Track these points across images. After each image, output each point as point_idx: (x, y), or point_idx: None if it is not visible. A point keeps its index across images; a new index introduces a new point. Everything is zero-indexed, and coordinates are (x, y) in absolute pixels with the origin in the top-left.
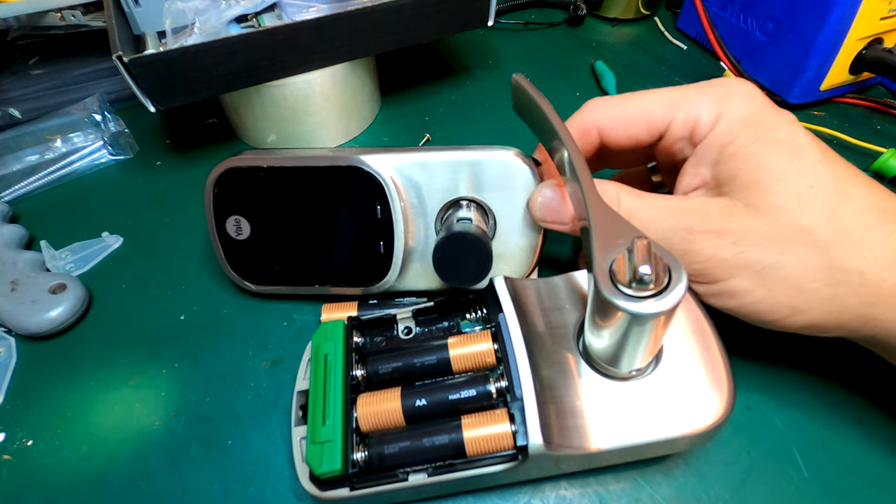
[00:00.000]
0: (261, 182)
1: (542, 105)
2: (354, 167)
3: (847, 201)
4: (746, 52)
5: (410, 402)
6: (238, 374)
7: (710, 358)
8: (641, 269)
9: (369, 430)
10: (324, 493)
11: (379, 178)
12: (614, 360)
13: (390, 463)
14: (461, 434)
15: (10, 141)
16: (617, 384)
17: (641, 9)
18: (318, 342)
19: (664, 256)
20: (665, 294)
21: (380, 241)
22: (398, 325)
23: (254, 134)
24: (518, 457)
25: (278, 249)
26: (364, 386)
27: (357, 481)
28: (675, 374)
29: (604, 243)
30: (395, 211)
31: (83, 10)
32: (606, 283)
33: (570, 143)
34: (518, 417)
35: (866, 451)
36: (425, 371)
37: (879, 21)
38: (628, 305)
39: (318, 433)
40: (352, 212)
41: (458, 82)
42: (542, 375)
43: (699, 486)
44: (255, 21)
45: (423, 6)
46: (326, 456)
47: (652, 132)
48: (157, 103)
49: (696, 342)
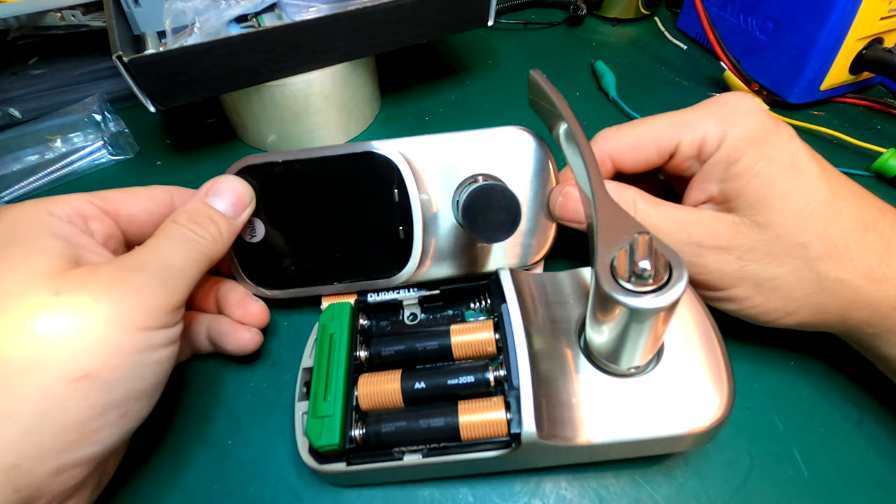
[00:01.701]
0: (277, 178)
1: (556, 100)
2: (369, 152)
3: (837, 217)
4: (746, 52)
5: (410, 385)
6: (238, 374)
7: (712, 358)
8: (641, 264)
9: (368, 408)
10: (321, 466)
11: (394, 161)
12: (614, 356)
13: (387, 441)
14: (457, 418)
15: (10, 141)
16: (615, 380)
17: (641, 9)
18: (325, 322)
19: (666, 253)
20: (665, 290)
21: (399, 226)
22: (404, 311)
23: (254, 134)
24: (511, 444)
25: (295, 248)
26: (367, 366)
27: (354, 457)
28: (676, 373)
29: (607, 238)
30: (411, 193)
31: (83, 10)
32: (607, 277)
33: (583, 140)
34: (514, 406)
35: (866, 451)
36: (427, 356)
37: (879, 21)
38: (627, 300)
39: (319, 408)
40: (369, 199)
41: (458, 82)
42: (540, 367)
43: (699, 486)
44: (255, 21)
45: (423, 6)
46: (325, 430)
47: (662, 154)
48: (157, 103)
49: (700, 342)
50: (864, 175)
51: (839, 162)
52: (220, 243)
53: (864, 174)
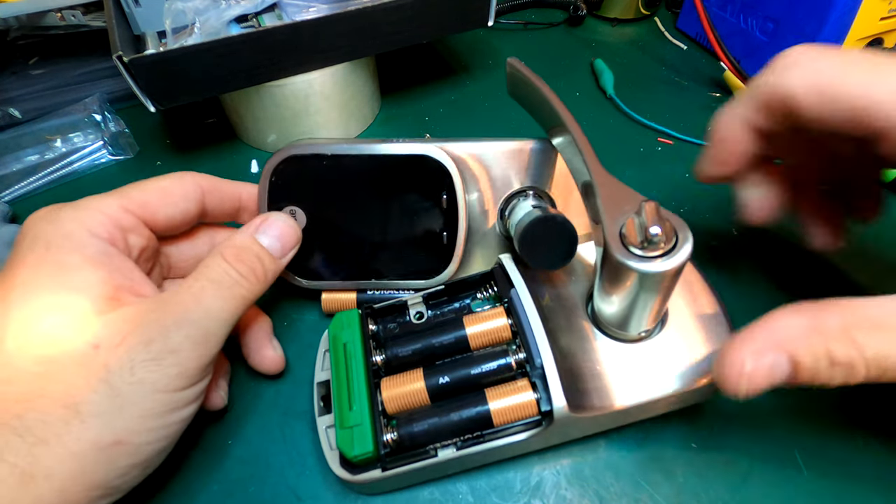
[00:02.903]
0: (323, 170)
1: (539, 87)
2: (423, 155)
3: None
4: (746, 52)
5: (434, 381)
6: (238, 374)
7: (710, 315)
8: (652, 229)
9: (395, 411)
10: (356, 477)
11: (448, 166)
12: (625, 323)
13: (421, 441)
14: (487, 406)
15: (10, 141)
16: (629, 346)
17: (641, 9)
18: (336, 332)
19: (670, 218)
20: (674, 253)
21: (443, 231)
22: (410, 311)
23: (254, 134)
24: (542, 422)
25: (336, 242)
26: (384, 370)
27: (389, 461)
28: (680, 333)
29: (612, 210)
30: (460, 201)
31: (83, 10)
32: (618, 246)
33: (571, 121)
34: (540, 385)
35: (866, 451)
36: (444, 351)
37: (879, 21)
38: (640, 266)
39: (347, 418)
40: (416, 201)
41: (458, 82)
42: (559, 344)
43: (699, 486)
44: (255, 21)
45: (423, 6)
46: (357, 439)
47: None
48: (157, 103)
49: (695, 302)
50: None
51: None
52: (263, 284)
53: None
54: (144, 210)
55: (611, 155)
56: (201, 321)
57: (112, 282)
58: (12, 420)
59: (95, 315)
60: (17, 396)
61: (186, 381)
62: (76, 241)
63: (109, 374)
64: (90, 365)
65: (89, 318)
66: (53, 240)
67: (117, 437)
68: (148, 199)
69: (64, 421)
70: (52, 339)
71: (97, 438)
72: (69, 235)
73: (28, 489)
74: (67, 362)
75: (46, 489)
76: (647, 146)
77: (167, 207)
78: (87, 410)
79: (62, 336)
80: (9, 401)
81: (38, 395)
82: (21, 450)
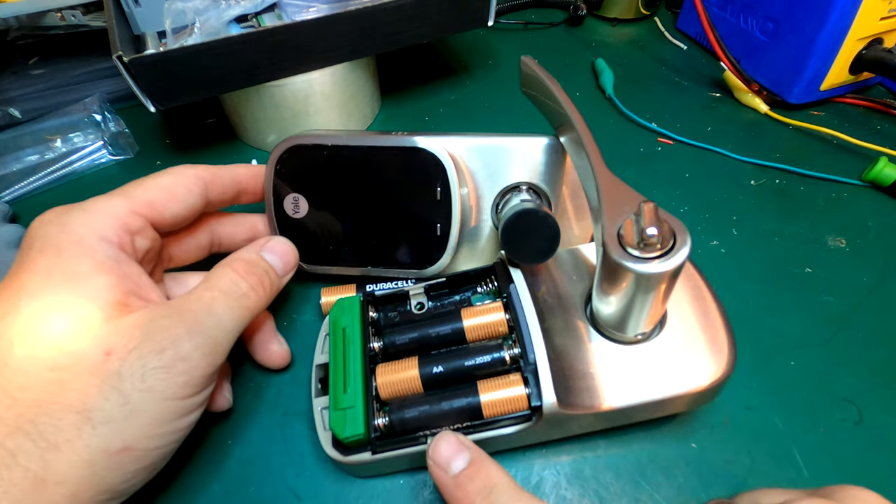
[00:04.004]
0: (323, 160)
1: (550, 85)
2: (419, 148)
3: None
4: (746, 52)
5: (428, 370)
6: (238, 374)
7: (709, 321)
8: (648, 230)
9: (389, 397)
10: (346, 458)
11: (442, 160)
12: (622, 324)
13: (411, 427)
14: (478, 397)
15: (10, 141)
16: (624, 348)
17: (641, 9)
18: (336, 317)
19: (669, 220)
20: (671, 255)
21: (437, 223)
22: (411, 301)
23: (254, 134)
24: (532, 417)
25: (334, 229)
26: (381, 357)
27: (379, 444)
28: (678, 337)
29: (612, 210)
30: (454, 193)
31: (83, 10)
32: (615, 246)
33: (579, 120)
34: (531, 380)
35: (866, 451)
36: (441, 341)
37: (879, 21)
38: (636, 266)
39: (340, 400)
40: (412, 192)
41: (458, 82)
42: (554, 342)
43: (699, 486)
44: (255, 21)
45: (424, 6)
46: (349, 421)
47: None
48: (157, 103)
49: (696, 307)
50: (859, 185)
51: (836, 169)
52: (269, 298)
53: (859, 184)
54: (151, 210)
55: (611, 155)
56: (212, 331)
57: (121, 287)
58: (26, 425)
59: (106, 322)
60: (30, 402)
61: (193, 388)
62: (87, 247)
63: (121, 381)
64: (102, 372)
65: (100, 325)
66: (65, 246)
67: (126, 444)
68: (153, 198)
69: (76, 427)
70: (65, 346)
71: (107, 445)
72: (80, 242)
73: (40, 493)
74: (80, 370)
75: (58, 494)
76: (647, 146)
77: (173, 206)
78: (99, 417)
79: (75, 343)
80: (23, 406)
81: (51, 401)
82: (34, 454)
